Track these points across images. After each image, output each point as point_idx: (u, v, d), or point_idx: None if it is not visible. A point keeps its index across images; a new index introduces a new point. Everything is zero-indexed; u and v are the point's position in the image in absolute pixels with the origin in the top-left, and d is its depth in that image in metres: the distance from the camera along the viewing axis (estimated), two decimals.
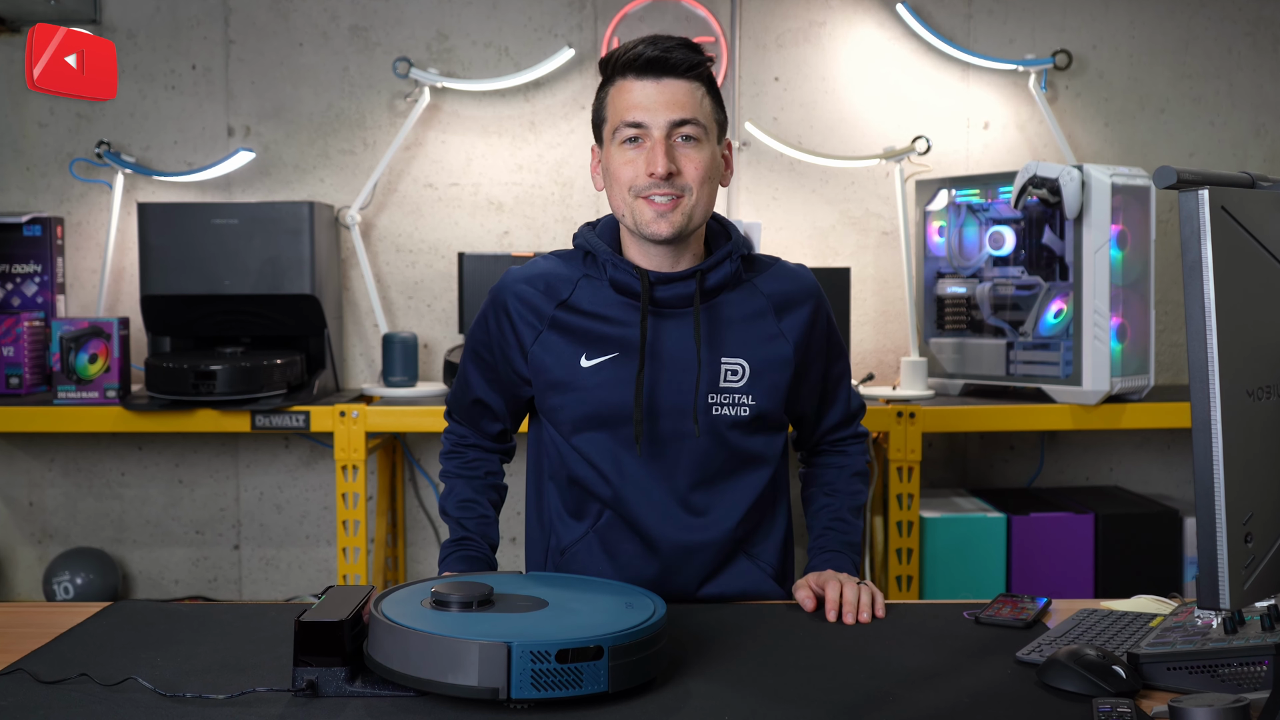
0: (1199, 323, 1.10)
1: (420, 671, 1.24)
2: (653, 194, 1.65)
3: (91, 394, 2.93)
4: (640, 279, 1.69)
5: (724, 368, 1.71)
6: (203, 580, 3.45)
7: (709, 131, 1.68)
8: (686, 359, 1.70)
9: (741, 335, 1.73)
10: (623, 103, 1.67)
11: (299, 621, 1.30)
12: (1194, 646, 1.32)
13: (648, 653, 1.30)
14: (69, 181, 3.35)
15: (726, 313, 1.73)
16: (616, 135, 1.68)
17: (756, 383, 1.72)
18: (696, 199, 1.67)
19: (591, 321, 1.72)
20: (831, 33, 3.39)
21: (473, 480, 1.86)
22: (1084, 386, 2.87)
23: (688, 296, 1.70)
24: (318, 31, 3.35)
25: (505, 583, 1.46)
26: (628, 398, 1.69)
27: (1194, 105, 3.45)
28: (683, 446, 1.71)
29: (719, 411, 1.71)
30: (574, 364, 1.71)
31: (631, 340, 1.70)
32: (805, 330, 1.77)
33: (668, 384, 1.70)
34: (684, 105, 1.65)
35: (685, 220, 1.67)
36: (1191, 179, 1.13)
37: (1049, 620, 1.60)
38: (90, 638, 1.50)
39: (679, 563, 1.71)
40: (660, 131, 1.65)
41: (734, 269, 1.72)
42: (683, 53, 1.66)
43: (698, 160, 1.66)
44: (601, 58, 1.73)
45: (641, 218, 1.67)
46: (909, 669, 1.39)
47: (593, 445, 1.72)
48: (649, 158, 1.65)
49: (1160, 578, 3.01)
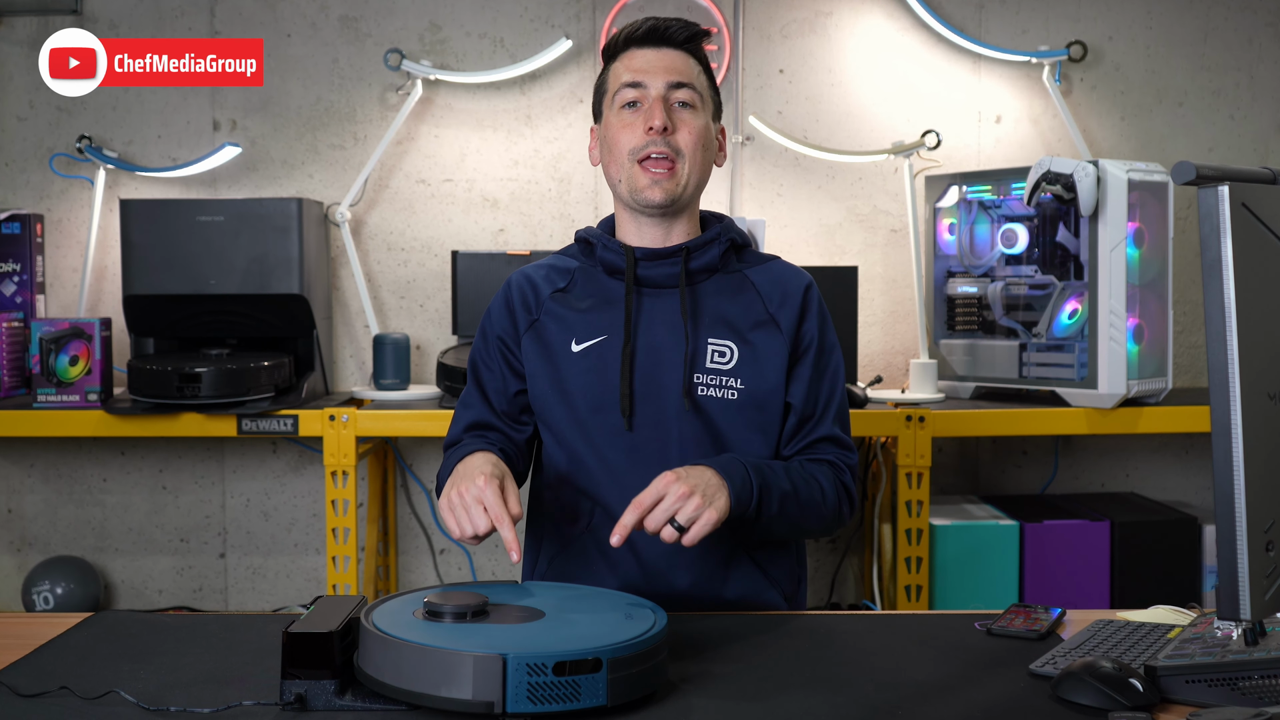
0: (1218, 323, 1.10)
1: (412, 685, 1.24)
2: (650, 152, 1.73)
3: (72, 397, 2.93)
4: (626, 254, 1.76)
5: (710, 348, 1.74)
6: (187, 590, 3.45)
7: (704, 101, 1.78)
8: (673, 338, 1.73)
9: (730, 317, 1.75)
10: (623, 68, 1.78)
11: (287, 633, 1.30)
12: (1213, 659, 1.32)
13: (648, 665, 1.30)
14: (49, 177, 3.35)
15: (715, 296, 1.77)
16: (616, 99, 1.77)
17: (745, 366, 1.73)
18: (690, 166, 1.75)
19: (583, 307, 1.77)
20: (838, 23, 3.39)
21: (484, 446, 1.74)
22: (1099, 389, 2.87)
23: (674, 275, 1.76)
24: (306, 22, 3.35)
25: (500, 593, 1.46)
26: (616, 379, 1.72)
27: (1213, 98, 3.45)
28: (668, 429, 1.72)
29: (705, 392, 1.72)
30: (564, 349, 1.76)
31: (620, 322, 1.75)
32: (797, 319, 1.76)
33: (654, 363, 1.73)
34: (681, 71, 1.76)
35: (679, 188, 1.74)
36: (1211, 174, 1.13)
37: (1063, 631, 1.60)
38: (71, 649, 1.50)
39: (664, 554, 1.69)
40: (658, 90, 1.74)
41: (721, 251, 1.78)
42: (680, 25, 1.78)
43: (693, 125, 1.75)
44: (604, 44, 1.84)
45: (637, 183, 1.74)
46: (918, 682, 1.39)
47: (581, 432, 1.74)
48: (646, 115, 1.73)
49: (1178, 587, 3.01)
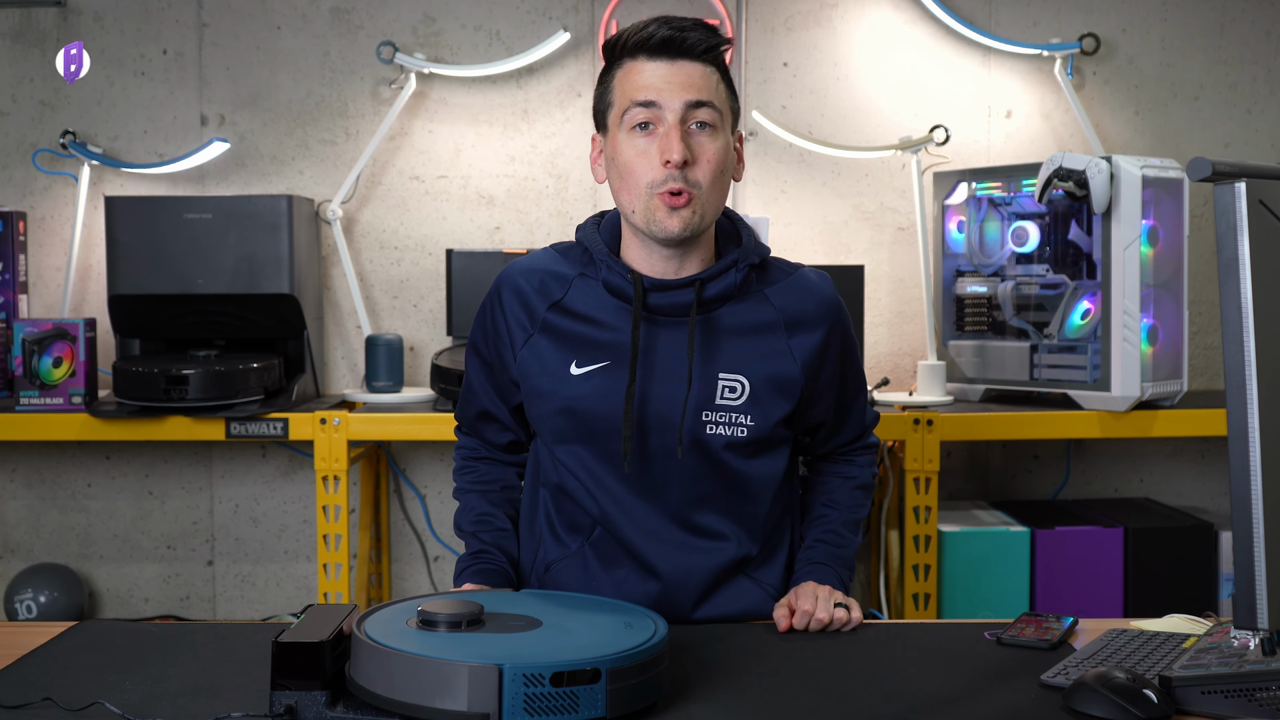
0: (1235, 324, 1.10)
1: (405, 695, 1.24)
2: (669, 188, 1.63)
3: (56, 400, 2.93)
4: (634, 284, 1.68)
5: (721, 384, 1.69)
6: (174, 598, 3.45)
7: (724, 119, 1.68)
8: (680, 373, 1.68)
9: (743, 350, 1.71)
10: (632, 84, 1.65)
11: (277, 642, 1.30)
12: (1230, 669, 1.32)
13: (648, 675, 1.30)
14: (32, 174, 3.35)
15: (728, 324, 1.71)
16: (625, 119, 1.66)
17: (756, 402, 1.70)
18: (708, 199, 1.66)
19: (583, 326, 1.71)
20: (844, 15, 3.39)
21: (488, 493, 1.86)
22: (1113, 392, 2.87)
23: (685, 305, 1.68)
24: (296, 14, 3.35)
25: (496, 601, 1.46)
26: (616, 410, 1.68)
27: (1230, 92, 3.45)
28: (671, 465, 1.70)
29: (714, 430, 1.69)
30: (563, 372, 1.71)
31: (624, 347, 1.69)
32: (818, 352, 1.74)
33: (658, 397, 1.69)
34: (700, 87, 1.64)
35: (698, 220, 1.65)
36: (1227, 171, 1.13)
37: (1076, 641, 1.60)
38: (54, 659, 1.50)
39: (674, 583, 1.70)
40: (675, 115, 1.63)
41: (738, 279, 1.70)
42: (699, 33, 1.65)
43: (712, 152, 1.65)
44: (606, 40, 1.72)
45: (655, 215, 1.64)
46: (927, 693, 1.39)
47: (578, 459, 1.72)
48: (663, 144, 1.63)
49: (1194, 596, 3.01)
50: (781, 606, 1.66)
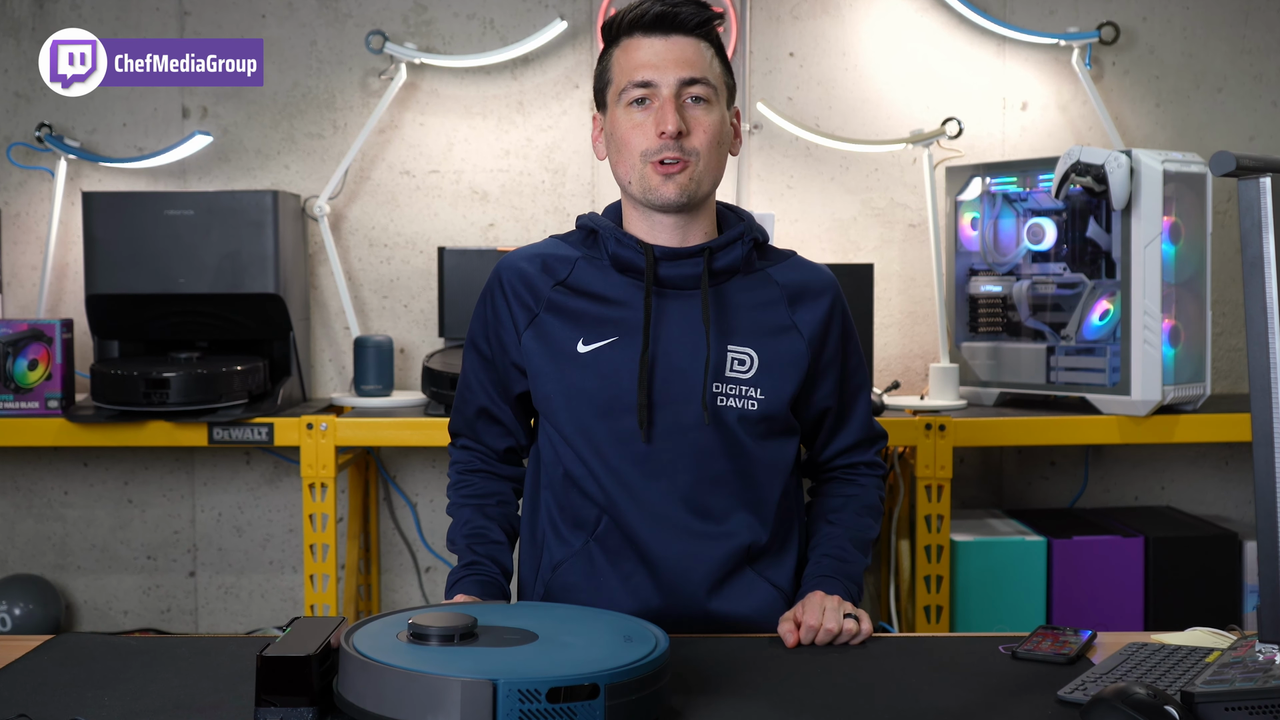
0: (1260, 325, 1.11)
1: (396, 712, 1.24)
2: (663, 156, 1.71)
3: (31, 404, 2.94)
4: (645, 254, 1.74)
5: (730, 355, 1.76)
6: (155, 611, 3.45)
7: (719, 93, 1.76)
8: (691, 344, 1.74)
9: (751, 323, 1.78)
10: (629, 62, 1.75)
11: (262, 657, 1.30)
12: (1255, 684, 1.32)
13: (649, 691, 1.30)
14: (6, 169, 3.36)
15: (735, 299, 1.78)
16: (623, 97, 1.75)
17: (765, 375, 1.76)
18: (705, 165, 1.74)
19: (590, 303, 1.77)
20: (853, 3, 3.39)
21: (483, 508, 1.88)
22: (1133, 396, 2.87)
23: (694, 277, 1.76)
24: (282, 2, 3.36)
25: (491, 613, 1.46)
26: (627, 385, 1.73)
27: (1255, 84, 3.45)
28: (684, 440, 1.74)
29: (724, 402, 1.75)
30: (570, 349, 1.76)
31: (633, 322, 1.75)
32: (821, 326, 1.81)
33: (669, 370, 1.74)
34: (693, 63, 1.74)
35: (694, 186, 1.73)
36: (1252, 165, 1.13)
37: (1094, 655, 1.60)
38: (29, 675, 1.50)
39: (681, 574, 1.73)
40: (669, 90, 1.72)
41: (745, 251, 1.78)
42: (691, 8, 1.75)
43: (707, 124, 1.74)
44: (604, 21, 1.81)
45: (649, 182, 1.73)
46: (939, 709, 1.39)
47: (587, 440, 1.75)
48: (658, 117, 1.72)
49: (1217, 608, 3.01)
50: (787, 620, 1.67)
